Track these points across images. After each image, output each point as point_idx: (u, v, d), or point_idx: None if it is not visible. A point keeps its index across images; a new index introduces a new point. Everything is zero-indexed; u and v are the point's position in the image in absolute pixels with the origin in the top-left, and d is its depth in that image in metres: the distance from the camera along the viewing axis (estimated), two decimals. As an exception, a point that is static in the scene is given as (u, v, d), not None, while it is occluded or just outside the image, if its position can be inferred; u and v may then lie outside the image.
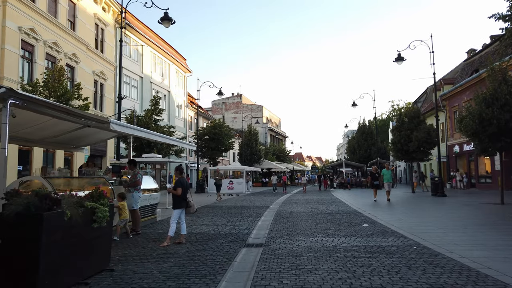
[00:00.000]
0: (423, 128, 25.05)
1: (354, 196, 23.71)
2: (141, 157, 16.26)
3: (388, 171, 18.07)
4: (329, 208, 14.95)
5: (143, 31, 31.33)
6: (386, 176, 17.65)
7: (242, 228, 9.64)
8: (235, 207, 16.08)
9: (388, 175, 17.75)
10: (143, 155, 16.08)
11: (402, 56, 21.34)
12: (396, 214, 12.64)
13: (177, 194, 7.50)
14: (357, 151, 46.77)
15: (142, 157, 16.16)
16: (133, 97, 30.14)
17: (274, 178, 29.09)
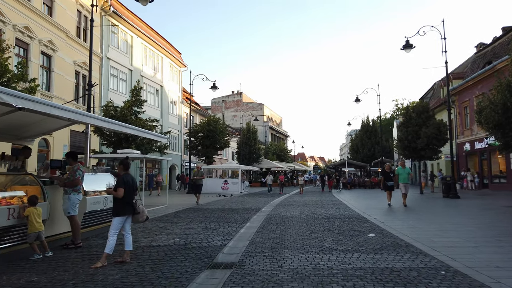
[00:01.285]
0: (432, 123, 23.05)
1: (357, 197, 21.72)
2: (116, 152, 14.36)
3: (404, 170, 14.82)
4: (328, 212, 12.98)
5: (132, 21, 29.46)
6: (403, 176, 14.62)
7: (217, 239, 7.70)
8: (222, 210, 14.14)
9: (404, 175, 14.65)
10: (118, 151, 14.19)
11: (411, 43, 19.33)
12: (407, 219, 10.66)
13: (118, 196, 5.57)
14: (361, 150, 44.72)
15: (117, 152, 14.25)
16: (121, 91, 28.25)
17: (269, 178, 26.98)
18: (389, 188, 14.51)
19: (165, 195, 19.97)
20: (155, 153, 18.70)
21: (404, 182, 14.53)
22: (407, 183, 14.69)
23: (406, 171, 14.79)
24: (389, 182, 14.50)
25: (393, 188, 14.63)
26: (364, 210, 13.43)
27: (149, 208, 14.31)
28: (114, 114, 15.87)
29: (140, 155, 13.54)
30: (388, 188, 14.54)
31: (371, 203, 17.02)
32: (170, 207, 14.88)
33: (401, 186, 14.60)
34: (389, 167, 15.32)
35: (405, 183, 14.57)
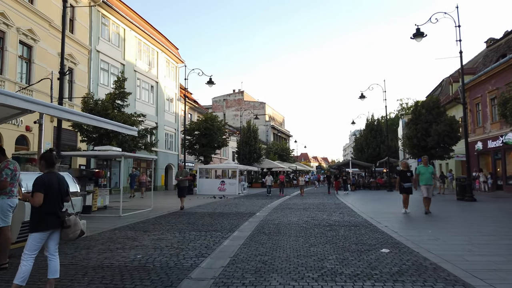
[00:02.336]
0: (443, 120, 21.37)
1: (363, 199, 20.07)
2: (93, 150, 12.81)
3: (427, 168, 11.99)
4: (331, 217, 11.35)
5: (125, 13, 27.95)
6: (425, 176, 11.86)
7: (190, 255, 6.12)
8: (211, 214, 12.55)
9: (427, 174, 11.89)
10: (95, 148, 12.64)
11: (422, 31, 17.67)
12: (425, 227, 9.02)
13: (33, 204, 3.98)
14: (365, 150, 42.98)
15: (94, 150, 12.70)
16: (113, 86, 26.65)
17: (268, 178, 25.07)
18: (406, 191, 12.05)
19: (149, 197, 18.34)
20: (142, 151, 17.12)
21: (427, 183, 11.84)
22: (431, 185, 12.03)
23: (429, 170, 12.03)
24: (406, 184, 11.99)
25: (411, 191, 12.11)
26: (372, 215, 11.79)
27: (130, 212, 12.79)
28: (93, 107, 14.32)
29: (118, 152, 11.97)
30: (404, 190, 12.06)
31: (379, 206, 15.38)
32: (154, 211, 13.30)
33: (423, 189, 11.90)
34: (406, 165, 12.89)
35: (428, 184, 11.90)
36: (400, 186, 12.19)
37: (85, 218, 11.42)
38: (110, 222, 10.44)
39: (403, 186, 12.06)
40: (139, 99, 30.14)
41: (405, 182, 12.04)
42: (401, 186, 12.13)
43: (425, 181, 11.83)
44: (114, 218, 11.42)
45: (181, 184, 13.94)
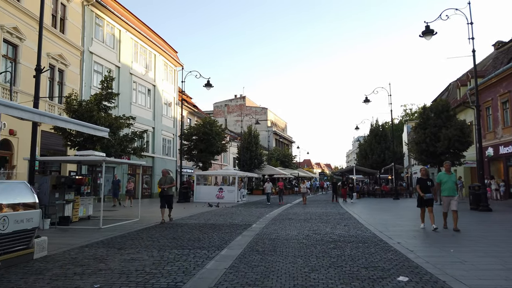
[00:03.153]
0: (454, 124, 20.14)
1: (368, 208, 18.80)
2: (74, 155, 11.66)
3: (450, 176, 10.04)
4: (335, 231, 10.12)
5: (121, 13, 26.99)
6: (448, 185, 9.89)
7: (161, 285, 4.92)
8: (202, 226, 11.34)
9: (450, 183, 9.90)
10: (76, 153, 11.51)
11: (432, 29, 16.52)
12: (444, 245, 7.78)
13: None
14: (370, 156, 41.64)
15: (75, 155, 11.55)
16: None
17: (268, 185, 23.35)
18: (426, 203, 10.10)
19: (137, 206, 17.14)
20: (132, 156, 15.95)
21: (449, 194, 9.90)
22: (454, 196, 9.91)
23: (453, 179, 10.05)
24: (426, 195, 9.99)
25: (432, 202, 10.11)
26: (381, 228, 10.55)
27: (113, 223, 11.64)
28: (77, 108, 13.20)
29: (99, 157, 10.82)
30: (424, 203, 10.14)
31: (386, 217, 14.11)
32: (140, 223, 12.11)
33: (445, 200, 10.05)
34: (426, 172, 10.75)
35: (451, 195, 9.90)
36: (419, 197, 10.31)
37: (61, 231, 10.31)
38: (85, 236, 9.26)
39: (423, 197, 10.11)
40: (135, 102, 29.09)
41: (425, 192, 10.08)
42: (421, 198, 10.20)
43: (447, 192, 9.91)
44: (92, 231, 10.24)
45: (164, 192, 12.26)
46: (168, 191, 12.23)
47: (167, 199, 12.16)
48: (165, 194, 12.17)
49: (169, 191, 12.25)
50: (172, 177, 12.60)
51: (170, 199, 12.23)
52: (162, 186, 12.15)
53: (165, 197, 12.18)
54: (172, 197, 12.37)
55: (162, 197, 12.24)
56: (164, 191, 12.17)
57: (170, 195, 12.28)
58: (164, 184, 12.16)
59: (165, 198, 12.17)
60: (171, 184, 12.22)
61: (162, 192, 12.26)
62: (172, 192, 12.60)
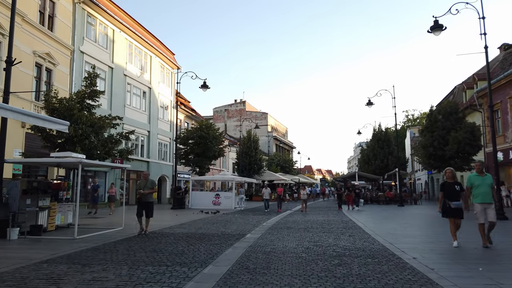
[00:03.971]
0: (464, 126, 18.99)
1: (373, 216, 17.59)
2: (49, 156, 10.51)
3: (483, 178, 8.07)
4: (339, 242, 8.93)
5: (114, 12, 26.03)
6: (482, 189, 7.90)
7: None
8: (190, 236, 10.16)
9: (484, 187, 7.94)
10: (51, 154, 10.39)
11: (441, 24, 15.47)
12: (471, 261, 6.60)
13: None
14: (372, 161, 40.43)
15: (50, 156, 10.40)
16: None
17: (266, 191, 21.63)
18: (455, 213, 7.95)
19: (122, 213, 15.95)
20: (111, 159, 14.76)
21: (484, 201, 7.87)
22: (491, 203, 7.91)
23: (488, 181, 8.02)
24: (453, 202, 7.85)
25: (461, 213, 8.03)
26: (390, 239, 9.36)
27: (91, 233, 10.48)
28: (57, 107, 12.10)
29: (74, 159, 9.68)
30: (452, 212, 7.94)
31: (395, 226, 12.90)
32: (122, 232, 10.95)
33: (478, 209, 7.89)
34: (453, 175, 8.27)
35: (487, 202, 7.88)
36: (445, 205, 8.05)
37: (30, 241, 9.15)
38: (53, 248, 8.10)
39: (449, 205, 7.93)
40: (129, 105, 28.03)
41: (452, 199, 7.89)
42: (446, 206, 8.01)
43: (481, 197, 7.87)
44: (65, 242, 9.08)
45: (143, 198, 10.50)
46: (148, 197, 10.59)
47: (146, 206, 10.45)
48: (143, 201, 10.49)
49: (148, 197, 10.60)
50: (153, 181, 10.96)
51: (150, 207, 10.51)
52: (140, 191, 10.48)
53: (143, 204, 10.48)
54: (152, 205, 10.66)
55: (140, 204, 10.57)
56: (143, 197, 10.51)
57: (150, 202, 10.61)
58: (144, 189, 10.50)
59: (143, 205, 10.45)
60: (151, 190, 10.57)
61: (140, 198, 10.59)
62: (153, 199, 10.90)
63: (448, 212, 8.01)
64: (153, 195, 10.89)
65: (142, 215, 10.44)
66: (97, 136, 12.59)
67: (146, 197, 10.55)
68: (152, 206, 10.65)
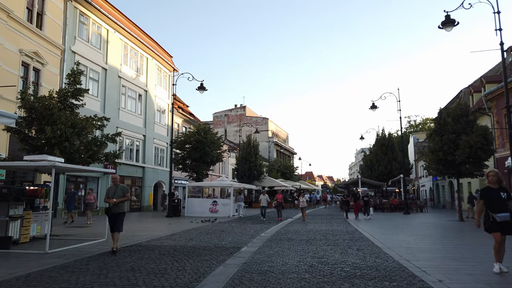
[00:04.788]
0: (476, 129, 17.85)
1: (380, 226, 16.40)
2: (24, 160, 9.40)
3: None
4: (346, 258, 7.77)
5: (108, 12, 25.09)
6: None
7: None
8: (178, 250, 9.01)
9: None
10: (24, 157, 9.27)
11: (453, 18, 14.42)
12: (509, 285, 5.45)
13: None
14: (376, 167, 39.21)
15: (23, 160, 9.29)
16: (91, 92, 23.56)
17: (263, 198, 20.10)
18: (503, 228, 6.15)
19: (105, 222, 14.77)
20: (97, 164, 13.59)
21: None
22: None
23: None
24: (499, 214, 6.08)
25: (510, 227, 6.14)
26: (405, 253, 8.21)
27: (68, 245, 9.33)
28: (34, 106, 11.03)
29: (46, 162, 8.59)
30: (496, 226, 6.17)
31: (407, 238, 11.71)
32: (103, 244, 9.78)
33: None
34: (497, 178, 6.54)
35: None
36: (487, 217, 6.33)
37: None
38: (14, 265, 6.99)
39: (492, 218, 6.20)
40: (124, 108, 26.98)
41: (497, 210, 6.15)
42: (489, 218, 6.27)
43: None
44: (33, 257, 7.95)
45: (115, 209, 8.46)
46: (119, 206, 8.53)
47: (115, 218, 8.48)
48: (113, 212, 8.48)
49: (119, 207, 8.54)
50: (125, 187, 9.00)
51: (120, 219, 8.55)
52: (109, 200, 8.52)
53: (113, 216, 8.50)
54: (123, 216, 8.67)
55: (110, 215, 8.55)
56: (111, 206, 8.47)
57: (121, 213, 8.58)
58: (114, 197, 8.48)
59: (113, 217, 8.50)
60: (123, 198, 8.59)
61: (109, 207, 8.55)
62: (125, 209, 8.78)
63: (493, 226, 6.20)
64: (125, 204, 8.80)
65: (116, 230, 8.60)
66: (79, 138, 11.49)
67: (116, 207, 8.52)
68: (122, 218, 8.69)
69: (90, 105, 22.02)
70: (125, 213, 8.87)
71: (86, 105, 13.46)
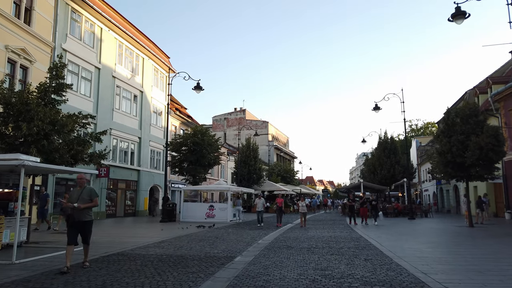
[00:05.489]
0: (486, 130, 16.87)
1: (387, 231, 15.38)
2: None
3: None
4: (354, 271, 6.77)
5: (102, 9, 24.23)
6: None
7: None
8: (164, 259, 8.02)
9: None
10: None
11: (464, 10, 13.50)
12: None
13: None
14: (378, 171, 38.16)
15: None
16: (83, 92, 22.69)
17: (259, 202, 19.00)
18: None
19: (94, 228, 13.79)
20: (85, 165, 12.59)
21: None
22: None
23: None
24: None
25: None
26: (420, 265, 7.22)
27: (38, 255, 8.34)
28: (10, 101, 10.08)
29: (14, 161, 7.63)
30: None
31: (418, 246, 10.69)
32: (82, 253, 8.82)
33: None
34: None
35: None
36: None
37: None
38: None
39: None
40: (118, 109, 26.05)
41: None
42: None
43: None
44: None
45: (76, 216, 6.89)
46: (84, 213, 7.00)
47: (81, 228, 7.03)
48: (77, 219, 6.91)
49: (85, 214, 7.00)
50: (93, 190, 7.34)
51: (87, 229, 7.14)
52: (70, 205, 6.93)
53: (75, 224, 6.96)
54: (90, 225, 7.22)
55: (71, 225, 6.95)
56: (76, 212, 6.89)
57: (87, 222, 7.08)
58: (78, 201, 6.96)
59: (76, 227, 7.00)
60: (90, 204, 7.08)
61: (71, 215, 6.90)
62: (92, 217, 7.24)
63: None
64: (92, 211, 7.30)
65: (74, 243, 6.98)
66: (60, 136, 10.54)
67: (81, 214, 6.94)
68: (90, 227, 7.22)
69: (83, 105, 21.17)
70: (92, 222, 7.34)
71: (76, 104, 12.47)
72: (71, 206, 6.93)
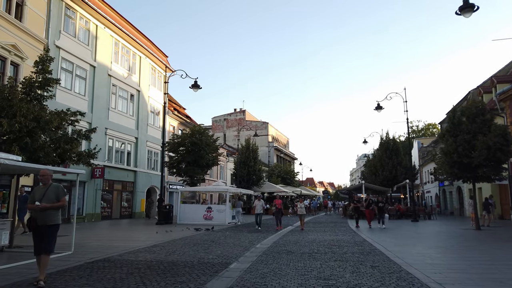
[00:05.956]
0: (494, 129, 16.25)
1: (392, 234, 14.73)
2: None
3: None
4: (361, 281, 6.11)
5: (98, 6, 23.63)
6: None
7: None
8: (153, 266, 7.38)
9: None
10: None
11: (472, 3, 12.88)
12: None
13: None
14: (380, 172, 37.49)
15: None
16: (77, 91, 22.07)
17: (258, 204, 18.28)
18: None
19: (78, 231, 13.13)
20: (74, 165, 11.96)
21: None
22: None
23: None
24: None
25: None
26: (433, 274, 6.57)
27: (17, 262, 7.71)
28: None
29: None
30: None
31: (428, 251, 10.02)
32: (68, 259, 8.20)
33: None
34: None
35: None
36: None
37: None
38: None
39: None
40: (114, 108, 25.43)
41: None
42: None
43: None
44: None
45: (40, 219, 5.84)
46: (49, 215, 5.90)
47: (44, 232, 5.87)
48: (40, 223, 5.83)
49: (50, 217, 5.91)
50: (60, 188, 6.17)
51: (50, 234, 5.91)
52: (33, 206, 5.88)
53: (39, 229, 5.86)
54: (55, 230, 6.02)
55: (34, 229, 5.90)
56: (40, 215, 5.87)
57: (51, 226, 5.92)
58: (43, 201, 5.88)
59: (40, 232, 5.87)
60: (56, 204, 5.97)
61: (33, 218, 5.92)
62: (58, 221, 6.07)
63: None
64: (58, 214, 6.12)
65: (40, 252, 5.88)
66: (45, 133, 9.93)
67: (45, 217, 5.88)
68: (54, 232, 6.02)
69: (77, 104, 20.55)
70: (59, 226, 6.10)
71: (70, 103, 11.83)
72: (33, 207, 5.86)
